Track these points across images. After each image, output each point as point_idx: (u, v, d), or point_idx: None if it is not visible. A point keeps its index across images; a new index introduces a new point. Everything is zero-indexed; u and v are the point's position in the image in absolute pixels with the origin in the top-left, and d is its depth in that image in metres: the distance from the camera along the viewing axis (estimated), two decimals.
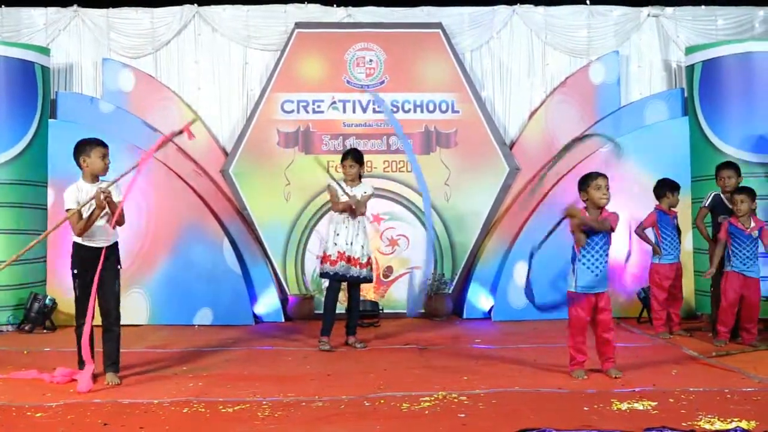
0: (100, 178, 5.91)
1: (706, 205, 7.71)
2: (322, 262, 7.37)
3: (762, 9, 9.98)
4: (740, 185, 7.46)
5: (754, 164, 8.50)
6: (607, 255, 5.91)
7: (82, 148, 5.87)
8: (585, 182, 5.92)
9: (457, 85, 9.63)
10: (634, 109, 9.66)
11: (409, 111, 9.61)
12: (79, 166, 5.88)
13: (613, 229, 5.87)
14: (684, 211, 8.63)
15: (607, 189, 5.85)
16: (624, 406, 5.01)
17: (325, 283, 7.46)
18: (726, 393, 5.33)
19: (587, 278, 5.87)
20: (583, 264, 5.86)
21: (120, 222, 5.82)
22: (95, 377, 5.81)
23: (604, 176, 5.90)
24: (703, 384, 5.59)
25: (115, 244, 5.98)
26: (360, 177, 7.44)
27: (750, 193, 7.26)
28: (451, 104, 9.63)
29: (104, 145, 5.91)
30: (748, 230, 7.22)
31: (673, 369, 6.20)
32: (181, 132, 5.77)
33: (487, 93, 9.94)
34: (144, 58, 9.82)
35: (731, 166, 7.66)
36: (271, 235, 9.45)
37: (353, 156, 7.40)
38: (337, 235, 7.27)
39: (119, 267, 6.00)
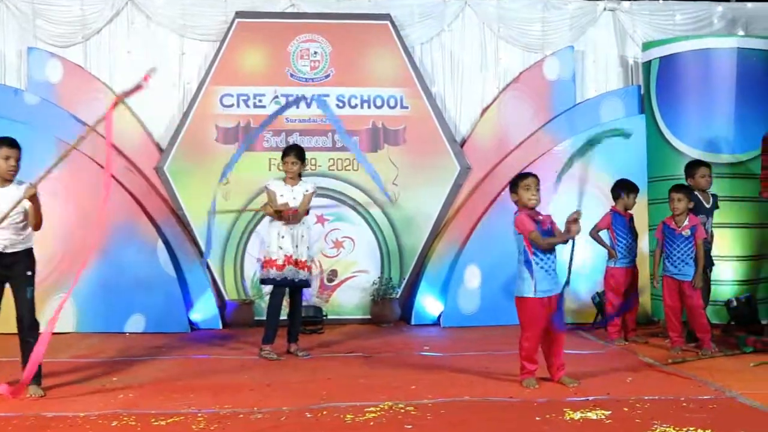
0: (18, 179, 5.76)
1: None
2: (264, 267, 7.32)
3: (720, 4, 10.17)
4: (679, 183, 7.59)
5: (712, 164, 8.57)
6: (556, 254, 5.97)
7: None
8: (515, 183, 6.01)
9: (406, 79, 9.65)
10: (590, 107, 9.76)
11: (355, 106, 9.61)
12: None
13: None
14: (640, 212, 8.75)
15: (537, 190, 5.91)
16: (577, 415, 5.05)
17: (266, 287, 7.42)
18: (682, 401, 5.40)
19: (546, 281, 5.90)
20: (541, 267, 5.88)
21: (38, 225, 5.73)
22: (12, 384, 5.71)
23: (535, 177, 5.97)
24: (658, 392, 5.66)
25: (26, 250, 5.83)
26: (300, 175, 7.42)
27: (687, 190, 7.38)
28: (400, 99, 9.64)
29: (11, 146, 5.71)
30: (679, 229, 7.32)
31: (628, 377, 6.27)
32: (137, 88, 5.72)
33: (437, 88, 9.98)
34: (73, 47, 9.65)
35: (706, 164, 7.78)
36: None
37: (296, 153, 7.37)
38: (282, 237, 7.22)
39: (29, 273, 5.83)
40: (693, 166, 7.87)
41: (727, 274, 8.49)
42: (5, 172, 5.70)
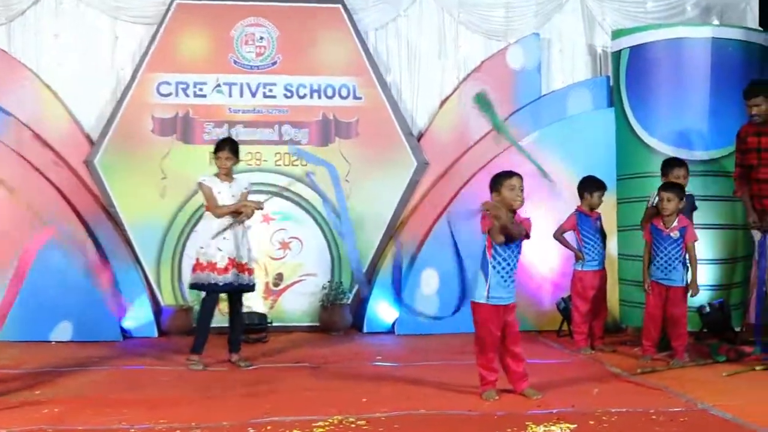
0: None
1: (653, 203, 7.72)
2: (196, 270, 7.24)
3: None
4: (670, 182, 7.65)
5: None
6: (517, 263, 6.00)
7: None
8: (497, 182, 5.97)
9: (359, 67, 9.65)
10: (556, 99, 9.85)
11: (304, 96, 9.59)
12: None
13: (528, 236, 5.95)
14: (608, 212, 8.82)
15: (522, 190, 5.92)
16: (540, 429, 5.08)
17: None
18: (651, 414, 5.46)
19: (500, 288, 5.93)
20: (498, 272, 5.91)
21: None
22: None
23: (519, 176, 5.95)
24: (626, 404, 5.71)
25: None
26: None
27: (678, 190, 7.43)
28: (353, 89, 9.65)
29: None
30: (667, 230, 7.39)
31: (594, 388, 6.32)
32: None
33: (393, 77, 9.99)
34: None
35: (681, 164, 7.87)
36: (144, 237, 9.30)
37: (231, 147, 7.35)
38: (225, 239, 7.18)
39: None
40: (667, 165, 7.95)
41: (700, 279, 8.49)
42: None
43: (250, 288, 7.41)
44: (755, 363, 7.17)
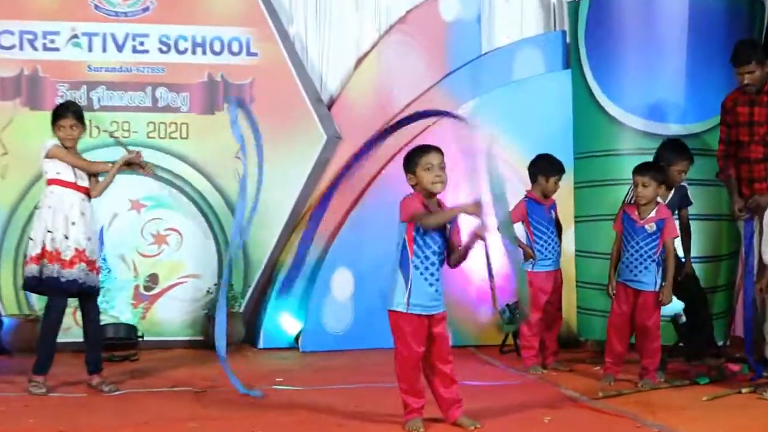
0: None
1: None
2: (33, 262, 7.04)
3: None
4: (645, 162, 7.69)
5: (658, 137, 8.74)
6: (443, 261, 5.94)
7: None
8: (411, 160, 5.85)
9: (254, 16, 9.61)
10: (500, 58, 9.91)
11: (185, 52, 9.55)
12: None
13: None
14: (564, 199, 8.85)
15: (442, 169, 5.86)
16: None
17: None
18: None
19: (424, 294, 5.85)
20: (420, 273, 5.84)
21: None
22: None
23: (439, 151, 5.83)
24: None
25: None
26: None
27: (658, 172, 7.44)
28: (246, 43, 9.61)
29: None
30: (641, 222, 7.42)
31: (546, 416, 6.32)
32: None
33: (296, 29, 9.98)
34: None
35: (687, 156, 7.89)
36: None
37: (75, 113, 7.22)
38: (73, 224, 7.05)
39: None
40: (672, 150, 7.97)
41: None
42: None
43: (96, 291, 7.32)
44: (742, 385, 7.25)
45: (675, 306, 8.30)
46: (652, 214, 7.39)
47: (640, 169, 7.47)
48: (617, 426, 6.06)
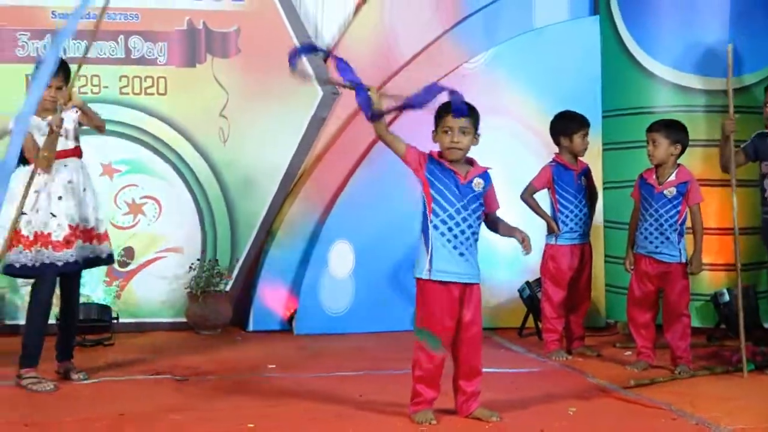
0: None
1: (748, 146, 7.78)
2: (13, 247, 6.98)
3: None
4: (661, 119, 7.75)
5: (696, 92, 8.85)
6: (478, 226, 6.00)
7: None
8: (436, 118, 5.95)
9: None
10: (519, 3, 9.89)
11: None
12: None
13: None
14: (592, 163, 8.78)
15: (463, 133, 5.88)
16: None
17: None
18: None
19: (448, 259, 5.90)
20: (441, 234, 5.89)
21: None
22: None
23: (462, 112, 5.86)
24: (615, 428, 5.84)
25: None
26: None
27: (671, 129, 7.48)
28: None
29: None
30: (660, 187, 7.49)
31: (570, 407, 6.38)
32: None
33: None
34: None
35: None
36: None
37: (63, 70, 7.22)
38: (60, 198, 7.03)
39: None
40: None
41: (711, 256, 8.56)
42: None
43: (108, 260, 7.39)
44: None
45: (716, 283, 8.36)
46: (672, 177, 7.45)
47: (651, 126, 7.55)
48: (651, 418, 6.11)
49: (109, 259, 7.40)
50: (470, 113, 5.87)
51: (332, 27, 9.99)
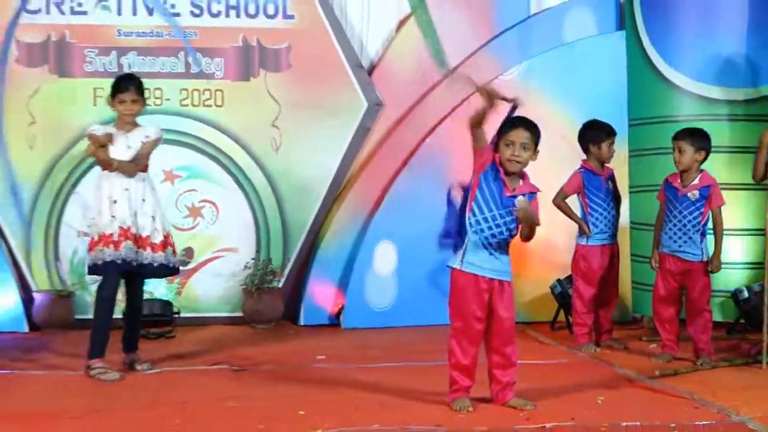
0: None
1: None
2: (93, 248, 7.04)
3: None
4: (686, 127, 7.68)
5: (717, 102, 8.77)
6: (509, 235, 5.94)
7: None
8: (500, 131, 5.88)
9: None
10: (550, 19, 9.86)
11: (218, 15, 9.55)
12: None
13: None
14: (618, 169, 8.77)
15: (524, 148, 5.78)
16: None
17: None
18: (672, 428, 5.50)
19: (479, 255, 5.88)
20: (474, 232, 5.86)
21: None
22: None
23: (526, 128, 5.82)
24: (640, 416, 5.74)
25: None
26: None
27: (696, 137, 7.42)
28: (282, 6, 9.60)
29: None
30: (684, 190, 7.44)
31: (599, 395, 6.35)
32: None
33: None
34: None
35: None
36: (7, 201, 9.26)
37: (137, 87, 7.22)
38: (114, 202, 7.05)
39: None
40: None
41: (732, 254, 8.60)
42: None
43: (160, 271, 7.30)
44: None
45: (735, 280, 8.31)
46: (695, 181, 7.41)
47: (677, 134, 7.50)
48: (675, 406, 6.05)
49: (162, 271, 7.32)
50: (531, 128, 5.85)
51: (376, 43, 9.99)
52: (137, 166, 7.13)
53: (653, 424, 5.59)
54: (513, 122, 5.90)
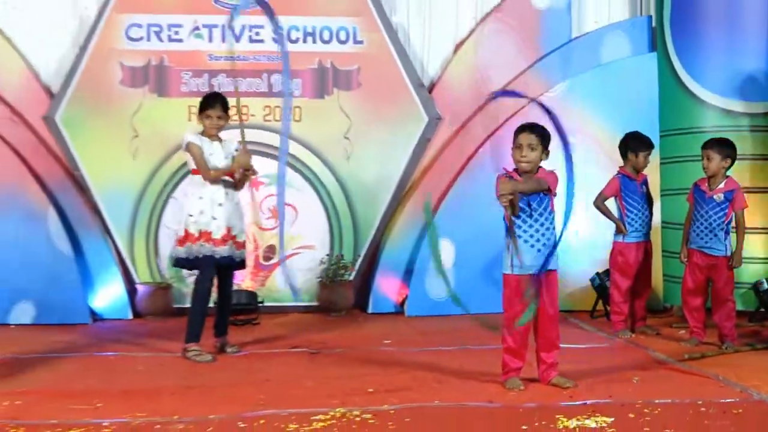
0: None
1: None
2: (183, 242, 7.12)
3: None
4: (713, 138, 7.68)
5: (740, 115, 8.73)
6: (551, 224, 5.99)
7: None
8: (513, 138, 6.01)
9: (360, 7, 9.68)
10: (588, 43, 9.87)
11: (296, 41, 9.63)
12: None
13: (552, 191, 5.95)
14: (650, 174, 8.76)
15: (531, 149, 5.89)
16: (572, 423, 5.12)
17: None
18: (700, 405, 5.50)
19: (528, 255, 5.94)
20: (518, 236, 5.91)
21: None
22: None
23: (530, 131, 5.92)
24: (671, 394, 5.75)
25: None
26: None
27: (722, 146, 7.45)
28: (353, 32, 9.67)
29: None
30: (710, 193, 7.45)
31: (634, 376, 6.36)
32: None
33: (399, 18, 10.00)
34: None
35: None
36: (114, 204, 9.37)
37: (222, 104, 7.32)
38: (220, 205, 7.15)
39: None
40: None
41: (753, 251, 8.55)
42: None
43: (243, 265, 7.45)
44: None
45: (755, 272, 8.28)
46: (721, 185, 7.43)
47: (705, 143, 7.52)
48: (702, 386, 6.05)
49: (241, 264, 7.43)
50: (535, 131, 5.93)
51: (435, 65, 10.06)
52: (247, 179, 7.38)
53: (683, 401, 5.60)
54: (520, 127, 5.99)
